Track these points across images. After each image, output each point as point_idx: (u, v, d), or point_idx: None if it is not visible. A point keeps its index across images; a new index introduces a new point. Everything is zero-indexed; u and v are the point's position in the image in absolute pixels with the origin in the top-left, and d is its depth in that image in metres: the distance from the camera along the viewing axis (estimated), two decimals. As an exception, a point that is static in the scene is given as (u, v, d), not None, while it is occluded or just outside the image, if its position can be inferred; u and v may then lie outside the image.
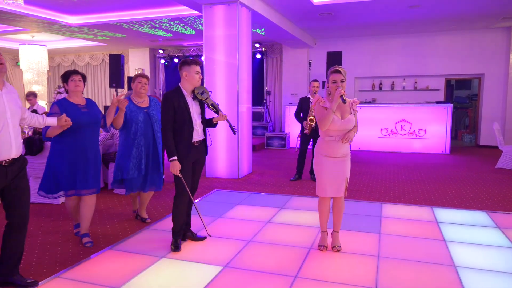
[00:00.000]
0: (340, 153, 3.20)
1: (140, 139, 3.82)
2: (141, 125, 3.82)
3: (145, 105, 3.93)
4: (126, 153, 3.80)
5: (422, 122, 9.21)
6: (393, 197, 5.13)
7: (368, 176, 6.56)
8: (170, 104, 3.19)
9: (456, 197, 5.15)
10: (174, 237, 3.39)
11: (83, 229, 3.55)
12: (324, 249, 3.34)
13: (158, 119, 3.90)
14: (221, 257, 3.22)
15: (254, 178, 6.44)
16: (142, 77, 3.90)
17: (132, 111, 3.81)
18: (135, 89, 3.91)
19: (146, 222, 4.15)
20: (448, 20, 8.76)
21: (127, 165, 3.77)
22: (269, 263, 3.11)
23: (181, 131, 3.25)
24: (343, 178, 3.24)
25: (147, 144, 3.86)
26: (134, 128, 3.80)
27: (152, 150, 3.89)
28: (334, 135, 3.16)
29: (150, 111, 3.91)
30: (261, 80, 11.89)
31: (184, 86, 3.30)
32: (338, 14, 8.12)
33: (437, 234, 3.73)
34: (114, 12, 8.28)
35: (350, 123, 3.15)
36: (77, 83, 3.37)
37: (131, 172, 3.78)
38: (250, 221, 4.16)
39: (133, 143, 3.80)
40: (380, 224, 4.04)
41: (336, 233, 3.41)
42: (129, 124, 3.79)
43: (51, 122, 3.08)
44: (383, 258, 3.18)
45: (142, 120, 3.83)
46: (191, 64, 3.27)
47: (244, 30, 6.50)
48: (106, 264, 3.10)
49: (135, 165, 3.81)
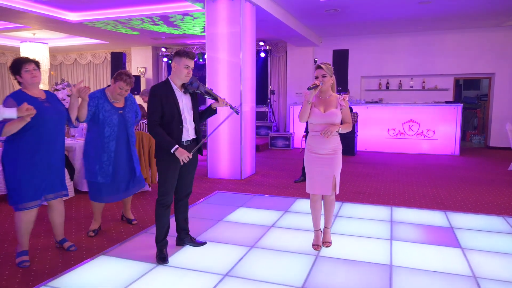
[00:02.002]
0: (326, 149, 3.12)
1: (111, 144, 3.42)
2: (114, 129, 3.42)
3: (120, 105, 3.51)
4: (95, 156, 3.42)
5: (430, 122, 8.94)
6: (403, 201, 4.89)
7: (375, 178, 6.32)
8: (157, 99, 2.91)
9: (469, 201, 4.90)
10: (158, 248, 3.06)
11: (59, 235, 3.28)
12: (317, 248, 3.29)
13: (133, 123, 3.59)
14: (222, 264, 2.99)
15: (257, 179, 6.22)
16: (125, 83, 3.40)
17: (107, 110, 3.39)
18: (114, 91, 3.44)
19: (133, 224, 3.95)
20: (458, 17, 8.50)
21: (94, 169, 3.43)
22: (273, 271, 2.89)
23: (169, 130, 2.95)
24: (329, 176, 3.14)
25: (118, 150, 3.47)
26: (107, 132, 3.40)
27: (125, 157, 3.53)
28: (318, 130, 3.12)
29: (125, 113, 3.52)
30: (265, 79, 11.67)
31: (173, 79, 3.01)
32: (345, 11, 7.88)
33: (453, 241, 3.49)
34: (116, 9, 8.09)
35: (332, 116, 3.08)
36: (33, 73, 2.89)
37: (97, 177, 3.44)
38: (253, 225, 3.94)
39: (103, 147, 3.41)
40: (391, 229, 3.80)
41: (327, 229, 3.38)
42: (101, 125, 3.37)
43: (9, 114, 2.58)
44: (396, 267, 2.94)
45: (117, 123, 3.43)
46: (182, 56, 2.96)
47: (248, 27, 6.28)
48: (99, 271, 2.89)
49: (101, 171, 3.44)
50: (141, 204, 4.77)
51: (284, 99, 11.69)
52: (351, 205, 4.65)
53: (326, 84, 3.10)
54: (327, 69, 3.09)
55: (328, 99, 3.14)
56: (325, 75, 3.09)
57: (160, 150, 2.99)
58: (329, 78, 3.10)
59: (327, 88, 3.14)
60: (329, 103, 3.12)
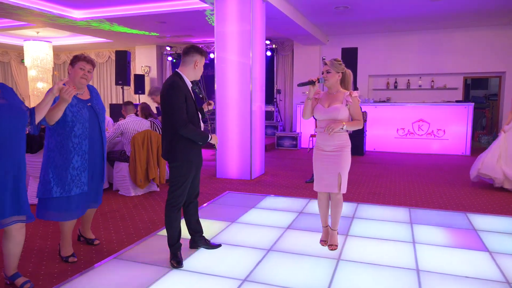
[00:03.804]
0: (330, 146, 3.03)
1: (84, 144, 2.84)
2: (86, 125, 2.83)
3: (86, 96, 2.92)
4: (63, 164, 2.77)
5: (441, 122, 8.78)
6: (421, 202, 4.74)
7: (388, 178, 6.16)
8: (183, 95, 2.74)
9: (489, 202, 4.74)
10: (172, 251, 2.91)
11: (12, 268, 2.53)
12: (324, 243, 3.26)
13: (104, 116, 3.03)
14: (239, 268, 2.85)
15: (267, 180, 6.07)
16: (86, 62, 2.85)
17: (73, 105, 2.78)
18: (75, 77, 2.83)
19: (95, 244, 3.27)
20: (468, 15, 8.34)
21: (62, 180, 2.77)
22: (294, 275, 2.74)
23: None
24: (334, 174, 3.02)
25: (93, 150, 2.90)
26: (77, 130, 2.79)
27: (98, 159, 2.97)
28: (323, 126, 3.04)
29: (94, 105, 2.94)
30: (271, 78, 11.51)
31: (189, 75, 2.86)
32: (355, 7, 7.73)
33: (479, 244, 3.33)
34: (121, 6, 7.96)
35: (334, 111, 2.99)
36: None
37: (67, 189, 2.78)
38: (268, 226, 3.79)
39: (75, 149, 2.79)
40: (412, 231, 3.65)
41: (333, 231, 3.23)
42: (70, 124, 2.76)
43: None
44: (424, 272, 2.79)
45: (87, 118, 2.85)
46: (203, 55, 2.89)
47: (258, 24, 6.14)
48: (110, 276, 2.74)
49: (75, 179, 2.81)
50: (149, 204, 4.63)
51: (290, 98, 11.55)
52: (367, 206, 4.50)
53: (331, 80, 3.03)
54: (332, 65, 3.02)
55: (335, 95, 3.06)
56: (329, 70, 3.02)
57: (178, 153, 2.80)
58: (334, 74, 3.02)
59: (333, 84, 3.06)
60: (335, 99, 3.04)
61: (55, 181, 2.76)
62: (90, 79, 2.92)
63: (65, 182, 2.78)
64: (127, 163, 5.02)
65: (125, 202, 4.73)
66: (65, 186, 2.77)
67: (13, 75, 13.43)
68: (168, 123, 2.79)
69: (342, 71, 3.05)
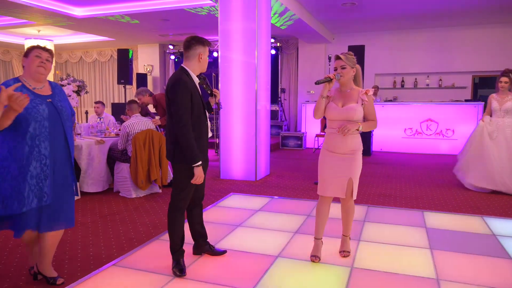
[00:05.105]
0: (343, 149, 2.78)
1: (43, 146, 2.35)
2: (44, 124, 2.35)
3: (46, 92, 2.45)
4: (21, 174, 2.29)
5: (450, 121, 8.56)
6: (434, 204, 4.54)
7: (398, 179, 5.96)
8: (188, 92, 2.55)
9: (506, 204, 4.53)
10: (174, 258, 2.72)
11: None
12: (316, 259, 2.89)
13: (69, 116, 2.52)
14: (248, 277, 2.66)
15: (273, 181, 5.88)
16: (42, 49, 2.44)
17: (29, 101, 2.30)
18: (30, 67, 2.40)
19: (57, 284, 2.53)
20: (477, 12, 8.13)
21: (20, 192, 2.28)
22: (306, 284, 2.55)
23: (198, 128, 2.64)
24: (345, 178, 2.79)
25: (55, 153, 2.40)
26: (33, 129, 2.32)
27: (62, 163, 2.45)
28: (335, 127, 2.77)
29: (56, 102, 2.45)
30: (276, 77, 11.31)
31: (194, 69, 2.68)
32: (362, 4, 7.53)
33: (500, 251, 3.14)
34: (123, 3, 7.80)
35: (350, 111, 2.74)
36: None
37: (27, 202, 2.29)
38: (276, 230, 3.61)
39: (32, 153, 2.31)
40: (428, 236, 3.45)
41: (345, 237, 3.05)
42: (24, 123, 2.30)
43: None
44: (444, 282, 2.59)
45: (47, 115, 2.36)
46: (206, 45, 2.68)
47: (263, 22, 5.95)
48: (109, 284, 2.57)
49: (35, 189, 2.32)
50: (151, 206, 4.46)
51: (295, 97, 11.36)
52: (378, 209, 4.31)
53: (346, 76, 2.77)
54: (347, 60, 2.75)
55: (349, 93, 2.81)
56: (344, 66, 2.75)
57: (183, 154, 2.61)
58: (349, 70, 2.76)
59: (347, 80, 2.80)
60: (349, 97, 2.79)
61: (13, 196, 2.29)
62: (49, 69, 2.46)
63: (18, 196, 2.28)
64: (128, 163, 4.85)
65: (126, 204, 4.56)
66: (19, 202, 2.28)
67: (14, 74, 13.31)
68: (173, 123, 2.61)
69: (356, 66, 2.85)
